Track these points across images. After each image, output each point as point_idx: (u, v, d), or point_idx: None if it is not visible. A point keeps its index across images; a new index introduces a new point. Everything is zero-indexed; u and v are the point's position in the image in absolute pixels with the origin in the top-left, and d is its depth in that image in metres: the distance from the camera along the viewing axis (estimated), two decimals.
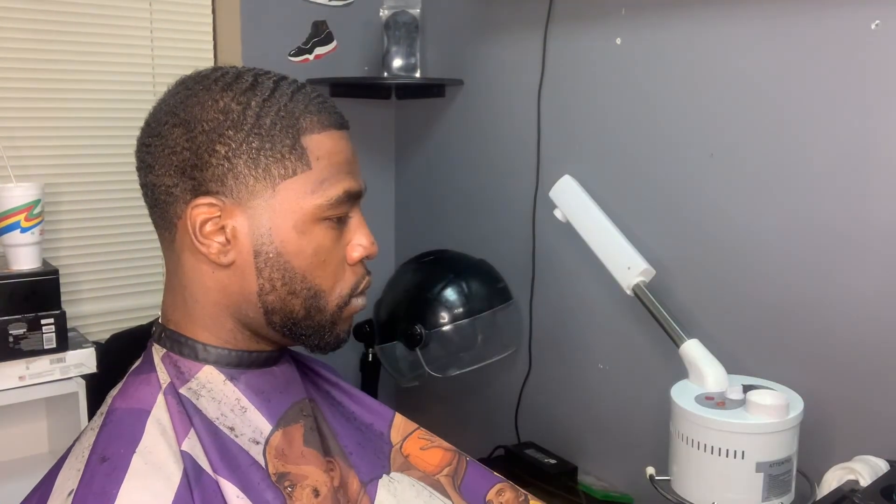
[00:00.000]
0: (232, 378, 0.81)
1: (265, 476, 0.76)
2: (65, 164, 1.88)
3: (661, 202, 1.65)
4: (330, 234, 0.80)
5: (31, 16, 1.79)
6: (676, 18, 1.59)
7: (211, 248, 0.78)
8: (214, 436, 0.76)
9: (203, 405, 0.78)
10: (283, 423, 0.81)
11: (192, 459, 0.73)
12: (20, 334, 1.60)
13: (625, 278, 1.51)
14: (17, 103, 1.80)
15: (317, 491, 0.78)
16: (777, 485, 1.21)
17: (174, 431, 0.74)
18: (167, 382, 0.79)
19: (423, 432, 0.97)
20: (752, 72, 1.47)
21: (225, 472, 0.73)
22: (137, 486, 0.70)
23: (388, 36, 2.14)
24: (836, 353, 1.39)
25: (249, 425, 0.79)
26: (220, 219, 0.78)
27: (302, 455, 0.80)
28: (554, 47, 1.85)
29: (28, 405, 1.75)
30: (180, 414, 0.76)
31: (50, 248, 1.85)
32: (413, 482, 0.91)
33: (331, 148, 0.80)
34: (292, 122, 0.78)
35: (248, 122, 0.77)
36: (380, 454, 0.91)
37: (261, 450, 0.77)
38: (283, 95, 0.79)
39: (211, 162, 0.76)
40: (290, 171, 0.77)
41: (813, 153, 1.40)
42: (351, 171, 0.81)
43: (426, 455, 0.94)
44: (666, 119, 1.63)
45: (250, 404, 0.80)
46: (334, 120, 0.81)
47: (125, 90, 1.94)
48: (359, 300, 0.85)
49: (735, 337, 1.53)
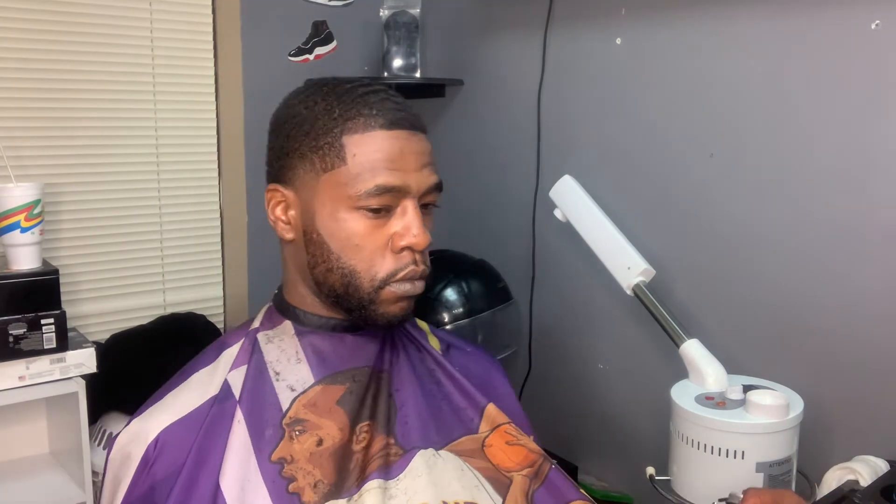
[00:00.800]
0: (300, 334, 0.96)
1: (279, 417, 0.89)
2: (65, 164, 1.88)
3: (661, 202, 1.65)
4: (366, 222, 0.90)
5: (32, 16, 1.79)
6: (676, 19, 1.59)
7: (277, 226, 0.95)
8: (259, 374, 0.92)
9: (267, 349, 0.95)
10: (328, 381, 0.93)
11: (227, 386, 0.91)
12: (20, 334, 1.60)
13: (625, 278, 1.51)
14: (18, 103, 1.80)
15: (321, 441, 0.88)
16: (777, 485, 1.21)
17: (232, 363, 0.93)
18: (254, 328, 0.98)
19: (512, 428, 0.99)
20: (753, 72, 1.47)
21: (245, 403, 0.89)
22: (177, 393, 0.91)
23: (388, 36, 2.14)
24: (836, 354, 1.39)
25: (295, 375, 0.92)
26: (284, 203, 0.94)
27: (329, 410, 0.90)
28: (554, 47, 1.85)
29: (28, 405, 1.76)
30: (245, 352, 0.94)
31: (50, 247, 1.85)
32: (464, 466, 0.93)
33: (370, 146, 0.89)
34: (338, 124, 0.90)
35: (307, 124, 0.91)
36: (453, 434, 0.96)
37: (292, 396, 0.90)
38: (343, 100, 0.91)
39: (280, 156, 0.94)
40: (329, 166, 0.90)
41: (813, 153, 1.40)
42: (392, 168, 0.89)
43: (509, 450, 0.97)
44: (666, 119, 1.63)
45: (304, 358, 0.94)
46: (383, 121, 0.90)
47: (125, 90, 1.94)
48: (402, 286, 0.91)
49: (735, 337, 1.53)
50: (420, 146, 0.92)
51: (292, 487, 0.86)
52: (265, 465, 0.86)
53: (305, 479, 0.86)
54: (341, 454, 0.88)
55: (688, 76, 1.58)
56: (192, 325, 2.03)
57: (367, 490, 0.86)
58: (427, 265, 0.94)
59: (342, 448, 0.89)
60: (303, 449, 0.88)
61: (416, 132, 0.93)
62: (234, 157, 2.11)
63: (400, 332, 1.03)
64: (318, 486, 0.86)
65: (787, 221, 1.45)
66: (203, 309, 2.11)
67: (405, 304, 0.93)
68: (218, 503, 0.83)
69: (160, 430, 0.88)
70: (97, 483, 1.76)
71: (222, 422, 0.88)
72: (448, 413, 0.98)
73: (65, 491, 1.70)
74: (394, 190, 0.89)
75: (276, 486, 0.85)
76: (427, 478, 0.90)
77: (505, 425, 0.98)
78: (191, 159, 2.07)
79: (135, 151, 1.98)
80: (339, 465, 0.88)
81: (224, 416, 0.88)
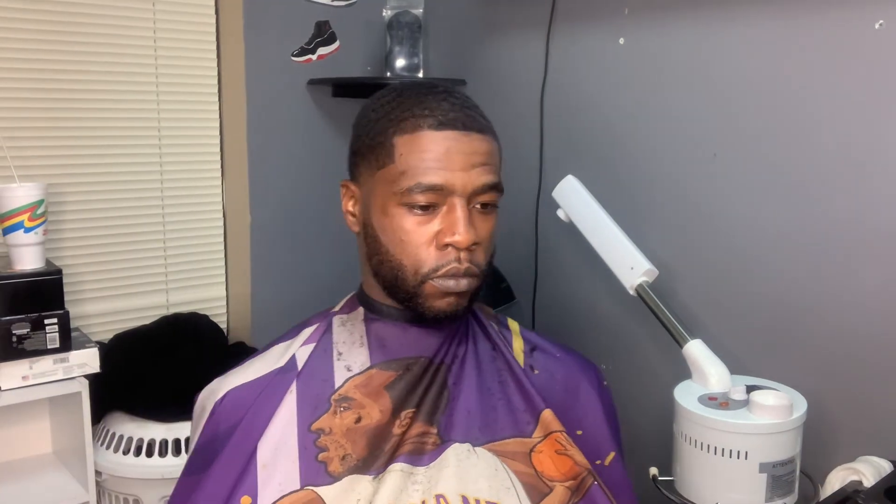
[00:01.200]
0: (368, 321, 1.02)
1: (329, 392, 0.96)
2: (68, 164, 1.88)
3: (664, 202, 1.64)
4: (411, 218, 0.94)
5: (35, 16, 1.79)
6: (679, 18, 1.59)
7: (346, 219, 1.04)
8: (323, 352, 1.00)
9: (338, 331, 1.02)
10: (382, 366, 0.98)
11: (294, 360, 0.99)
12: (24, 334, 1.60)
13: (628, 278, 1.50)
14: (21, 103, 1.80)
15: (360, 418, 0.94)
16: (780, 485, 1.21)
17: (304, 340, 1.02)
18: (335, 311, 1.06)
19: (563, 437, 0.98)
20: (756, 72, 1.47)
21: (303, 377, 0.97)
22: (254, 362, 1.02)
23: (390, 36, 2.14)
24: (839, 354, 1.39)
25: (355, 357, 0.99)
26: (352, 198, 1.02)
27: (376, 393, 0.96)
28: (557, 47, 1.85)
29: (31, 405, 1.76)
30: (318, 332, 1.03)
31: (53, 247, 1.85)
32: (499, 466, 0.94)
33: (416, 146, 0.93)
34: (393, 125, 0.95)
35: (370, 126, 0.97)
36: (499, 434, 0.97)
37: (347, 376, 0.97)
38: (401, 101, 0.96)
39: (351, 153, 1.02)
40: (381, 164, 0.95)
41: (816, 153, 1.40)
42: (437, 167, 0.92)
43: (557, 459, 0.97)
44: (669, 119, 1.62)
45: (366, 343, 1.00)
46: (432, 122, 0.93)
47: (128, 90, 1.94)
48: (445, 282, 0.94)
49: (738, 337, 1.53)
50: (472, 146, 0.94)
51: (322, 457, 0.92)
52: (303, 434, 0.93)
53: (336, 451, 0.92)
54: (377, 434, 0.93)
55: (691, 76, 1.58)
56: (195, 325, 2.04)
57: (392, 471, 0.91)
58: (476, 263, 0.96)
59: (379, 429, 0.93)
60: (342, 424, 0.94)
61: (469, 132, 0.94)
62: (237, 157, 2.11)
63: (476, 329, 1.06)
64: (346, 459, 0.92)
65: (791, 221, 1.44)
66: (206, 309, 2.11)
67: (452, 300, 0.95)
68: (251, 462, 0.91)
69: (228, 389, 0.98)
70: (100, 483, 1.76)
71: (278, 391, 0.96)
72: (502, 413, 0.99)
73: (68, 491, 1.71)
74: (437, 188, 0.92)
75: (307, 452, 0.92)
76: (454, 470, 0.92)
77: (557, 433, 0.98)
78: (194, 159, 2.07)
79: (138, 152, 1.98)
80: (373, 444, 0.93)
81: (281, 386, 0.96)
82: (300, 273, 2.25)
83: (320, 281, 2.29)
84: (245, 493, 0.90)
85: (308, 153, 2.22)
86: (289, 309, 2.22)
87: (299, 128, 2.19)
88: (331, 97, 2.22)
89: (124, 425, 1.79)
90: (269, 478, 0.90)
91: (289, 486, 0.90)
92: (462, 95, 0.99)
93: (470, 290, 0.96)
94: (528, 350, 1.08)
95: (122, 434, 1.78)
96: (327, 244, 2.29)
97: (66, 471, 1.78)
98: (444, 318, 0.96)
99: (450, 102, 0.95)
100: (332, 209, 2.27)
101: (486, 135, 0.97)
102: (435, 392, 0.98)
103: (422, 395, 0.97)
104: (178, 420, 1.79)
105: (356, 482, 0.90)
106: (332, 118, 2.24)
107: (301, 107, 2.19)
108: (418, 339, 1.00)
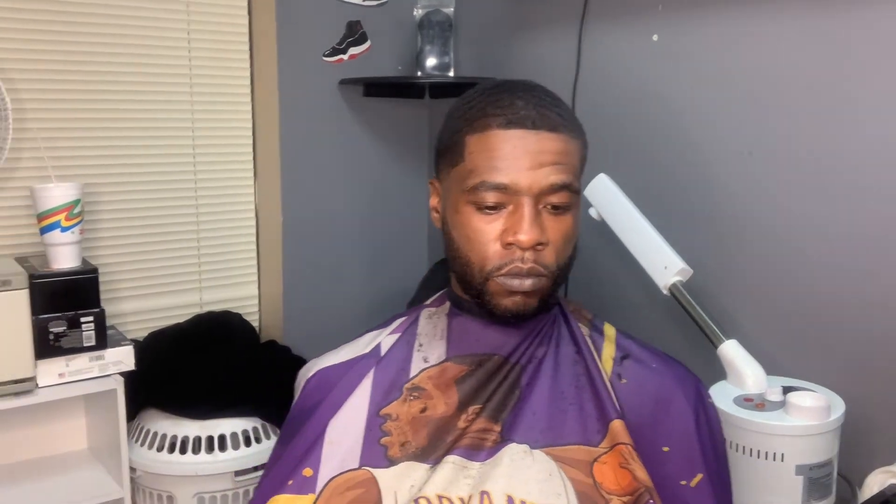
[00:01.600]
0: (452, 315, 1.04)
1: (403, 380, 0.99)
2: (104, 164, 1.91)
3: (698, 200, 1.63)
4: (477, 216, 0.94)
5: (71, 18, 1.82)
6: (713, 14, 1.57)
7: (432, 215, 1.06)
8: (406, 343, 1.04)
9: (423, 323, 1.06)
10: (456, 360, 1.00)
11: (378, 348, 1.04)
12: (60, 332, 1.63)
13: (661, 278, 1.49)
14: (58, 104, 1.83)
15: (425, 408, 0.97)
16: (817, 488, 1.19)
17: (393, 330, 1.06)
18: (426, 304, 1.09)
19: (627, 450, 0.94)
20: (792, 68, 1.45)
21: (382, 364, 1.01)
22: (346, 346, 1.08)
23: (421, 35, 2.14)
24: (877, 355, 1.36)
25: (433, 349, 1.02)
26: (437, 195, 1.04)
27: (445, 386, 0.98)
28: (589, 45, 1.84)
29: (67, 402, 1.79)
30: (406, 323, 1.07)
31: (89, 247, 1.88)
32: (555, 472, 0.92)
33: (485, 145, 0.93)
34: (466, 124, 0.96)
35: (449, 124, 0.99)
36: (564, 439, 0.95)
37: (422, 367, 1.00)
38: (478, 101, 0.96)
39: (436, 152, 1.03)
40: (454, 162, 0.97)
41: (853, 151, 1.37)
42: (501, 166, 0.92)
43: (619, 472, 0.92)
44: (703, 117, 1.60)
45: (446, 337, 1.03)
46: (501, 120, 0.93)
47: (163, 91, 1.96)
48: (508, 280, 0.94)
49: (774, 337, 1.50)
50: (540, 145, 0.92)
51: (384, 441, 0.95)
52: (372, 417, 0.97)
53: (398, 437, 0.95)
54: (439, 425, 0.95)
55: (726, 72, 1.56)
56: (228, 324, 2.05)
57: (447, 462, 0.92)
58: (543, 264, 0.94)
59: (442, 420, 0.95)
60: (409, 412, 0.96)
61: (539, 131, 0.93)
62: (269, 157, 2.13)
63: (563, 332, 1.04)
64: (406, 446, 0.94)
65: (828, 219, 1.42)
66: (238, 307, 2.13)
67: (518, 299, 0.95)
68: (320, 438, 0.96)
69: (318, 369, 1.05)
70: (135, 479, 1.78)
71: (358, 375, 1.01)
72: (572, 419, 0.96)
73: (103, 487, 1.73)
74: (502, 187, 0.92)
75: (371, 434, 0.96)
76: (505, 470, 0.91)
77: (621, 445, 0.94)
78: (227, 159, 2.09)
79: (172, 152, 2.00)
80: (434, 434, 0.95)
81: (362, 371, 1.01)
82: (331, 272, 2.26)
83: (351, 280, 2.30)
84: (308, 466, 0.95)
85: (339, 153, 2.22)
86: (320, 307, 2.23)
87: (331, 128, 2.20)
88: (362, 97, 2.23)
89: (158, 422, 1.81)
90: (332, 454, 0.95)
91: (348, 465, 0.94)
92: (542, 94, 0.97)
93: (537, 290, 0.95)
94: (619, 358, 1.04)
95: (157, 431, 1.80)
96: (358, 243, 2.29)
97: (101, 467, 1.81)
98: (511, 317, 0.96)
99: (524, 100, 0.94)
100: (363, 208, 2.28)
101: (559, 133, 0.94)
102: (504, 390, 0.97)
103: (491, 393, 0.97)
104: (212, 417, 1.81)
105: (412, 469, 0.92)
106: (364, 118, 2.24)
107: (332, 107, 2.20)
108: (496, 337, 1.00)
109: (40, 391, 1.62)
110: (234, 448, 1.80)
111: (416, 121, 2.35)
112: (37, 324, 1.60)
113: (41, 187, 1.65)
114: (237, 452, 1.80)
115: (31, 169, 1.79)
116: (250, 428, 1.84)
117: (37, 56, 1.79)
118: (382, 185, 2.31)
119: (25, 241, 1.80)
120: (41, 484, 1.73)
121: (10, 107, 1.67)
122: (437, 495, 0.89)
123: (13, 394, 1.58)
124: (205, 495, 1.79)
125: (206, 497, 1.79)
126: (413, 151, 2.36)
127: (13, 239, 1.80)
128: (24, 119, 1.77)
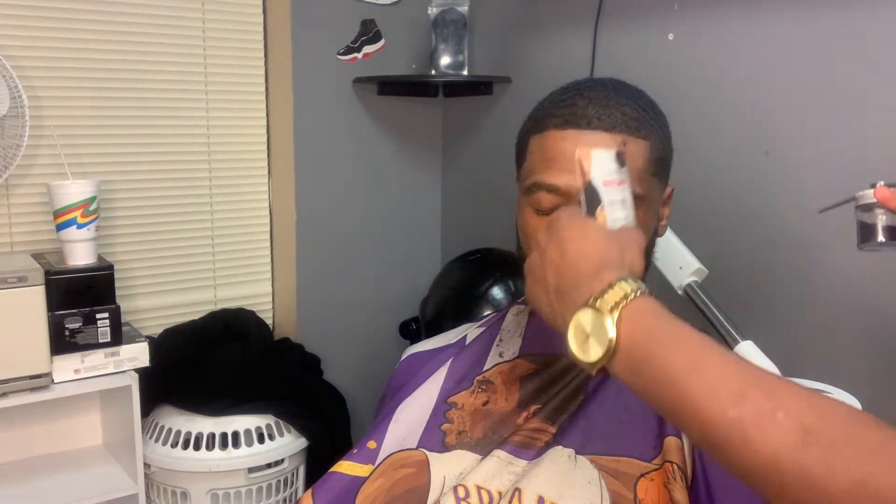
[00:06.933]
0: (533, 312, 1.05)
1: (476, 373, 1.02)
2: (120, 161, 1.91)
3: (715, 200, 1.62)
4: (534, 216, 0.94)
5: (86, 16, 1.83)
6: (730, 13, 1.56)
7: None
8: (488, 337, 1.06)
9: (509, 320, 1.07)
10: (526, 358, 1.01)
11: (464, 339, 1.09)
12: (76, 328, 1.63)
13: (676, 278, 1.48)
14: (75, 102, 1.84)
15: (487, 402, 0.99)
16: None
17: (481, 324, 1.10)
18: (518, 301, 1.10)
19: (673, 469, 0.91)
20: (809, 68, 1.44)
21: (460, 356, 1.05)
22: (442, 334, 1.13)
23: (436, 34, 2.14)
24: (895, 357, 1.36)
25: (510, 346, 1.04)
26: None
27: (510, 382, 1.00)
28: (604, 43, 1.83)
29: (83, 398, 1.80)
30: (494, 317, 1.10)
31: (105, 244, 1.89)
32: (594, 480, 0.89)
33: (541, 146, 0.93)
34: (531, 124, 0.96)
35: (523, 124, 0.99)
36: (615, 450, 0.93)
37: (496, 361, 1.02)
38: (546, 101, 0.96)
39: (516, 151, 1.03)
40: (520, 162, 0.98)
41: (871, 151, 1.36)
42: (553, 167, 0.91)
43: (661, 491, 0.89)
44: (720, 116, 1.60)
45: (524, 334, 1.04)
46: (557, 121, 0.92)
47: (178, 89, 1.97)
48: None
49: (790, 339, 1.49)
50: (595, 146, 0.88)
51: (444, 427, 0.98)
52: (440, 403, 1.01)
53: (457, 426, 0.98)
54: (496, 419, 0.97)
55: (742, 72, 1.55)
56: (242, 321, 2.06)
57: (494, 456, 0.93)
58: None
59: (500, 415, 0.97)
60: (474, 403, 0.99)
61: (595, 131, 0.90)
62: (283, 155, 2.13)
63: None
64: (462, 435, 0.97)
65: (844, 221, 1.41)
66: (252, 305, 2.14)
67: None
68: (389, 415, 1.01)
69: (411, 353, 1.12)
70: (149, 475, 1.79)
71: (436, 364, 1.05)
72: (630, 431, 0.94)
73: (117, 482, 1.74)
74: (550, 189, 0.91)
75: (435, 419, 0.99)
76: (544, 471, 0.90)
77: (669, 464, 0.91)
78: (241, 157, 2.10)
79: (187, 150, 2.01)
80: (490, 427, 0.96)
81: (440, 360, 1.05)
82: (345, 270, 2.26)
83: (364, 278, 2.30)
84: (374, 439, 1.00)
85: (353, 151, 2.23)
86: (333, 305, 2.24)
87: (345, 126, 2.20)
88: (376, 95, 2.23)
89: (173, 418, 1.82)
90: (396, 432, 0.99)
91: (408, 444, 0.98)
92: (612, 91, 0.93)
93: None
94: None
95: (171, 427, 1.81)
96: (371, 241, 2.30)
97: (116, 463, 1.82)
98: None
99: (587, 99, 0.91)
100: (376, 207, 2.28)
101: (617, 133, 0.90)
102: (567, 394, 0.96)
103: (553, 394, 0.97)
104: (226, 413, 1.81)
105: (463, 457, 0.94)
106: (378, 116, 2.24)
107: (346, 105, 2.20)
108: None
109: (56, 387, 1.63)
110: (247, 445, 1.80)
111: (430, 119, 2.35)
112: (53, 320, 1.60)
113: (57, 184, 1.66)
114: (251, 449, 1.80)
115: (47, 166, 1.80)
116: (264, 425, 1.84)
117: (53, 54, 1.80)
118: (396, 183, 2.31)
119: (42, 237, 1.81)
120: (56, 479, 1.74)
121: (27, 104, 1.68)
122: (476, 486, 0.90)
123: (29, 389, 1.59)
124: (218, 492, 1.80)
125: (220, 493, 1.80)
126: (427, 150, 2.36)
127: (30, 235, 1.81)
128: (41, 116, 1.78)
